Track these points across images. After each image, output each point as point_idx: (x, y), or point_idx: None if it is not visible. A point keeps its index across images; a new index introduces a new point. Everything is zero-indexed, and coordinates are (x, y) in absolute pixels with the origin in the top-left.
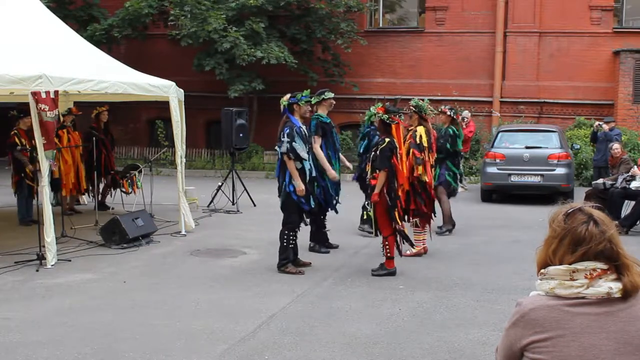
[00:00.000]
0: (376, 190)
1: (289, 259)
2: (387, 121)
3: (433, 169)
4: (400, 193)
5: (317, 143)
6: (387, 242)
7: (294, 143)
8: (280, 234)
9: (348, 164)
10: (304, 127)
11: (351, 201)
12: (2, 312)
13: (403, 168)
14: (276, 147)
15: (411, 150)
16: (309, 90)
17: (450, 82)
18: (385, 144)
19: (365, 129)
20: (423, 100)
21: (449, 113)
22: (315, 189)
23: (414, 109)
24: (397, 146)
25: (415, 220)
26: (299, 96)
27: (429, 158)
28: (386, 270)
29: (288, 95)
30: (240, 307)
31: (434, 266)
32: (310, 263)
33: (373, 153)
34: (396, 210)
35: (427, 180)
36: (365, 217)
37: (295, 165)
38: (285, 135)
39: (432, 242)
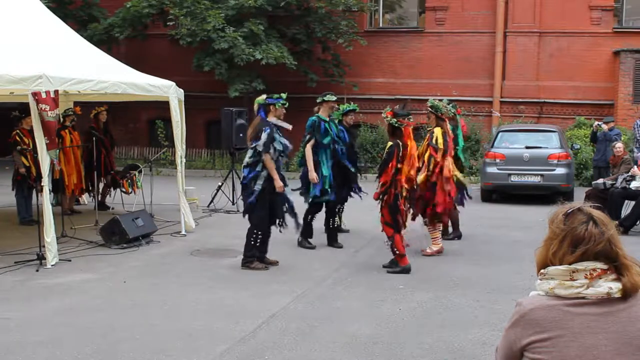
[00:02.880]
0: (378, 190)
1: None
2: (396, 125)
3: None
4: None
5: (309, 143)
6: (392, 242)
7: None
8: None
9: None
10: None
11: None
12: (2, 312)
13: (407, 167)
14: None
15: (429, 149)
16: (285, 93)
17: (450, 82)
18: (387, 147)
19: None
20: (441, 100)
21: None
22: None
23: (430, 109)
24: (402, 148)
25: (426, 220)
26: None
27: (442, 160)
28: (400, 267)
29: (264, 96)
30: (240, 307)
31: (434, 266)
32: (278, 262)
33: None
34: (399, 213)
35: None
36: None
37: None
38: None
39: None
